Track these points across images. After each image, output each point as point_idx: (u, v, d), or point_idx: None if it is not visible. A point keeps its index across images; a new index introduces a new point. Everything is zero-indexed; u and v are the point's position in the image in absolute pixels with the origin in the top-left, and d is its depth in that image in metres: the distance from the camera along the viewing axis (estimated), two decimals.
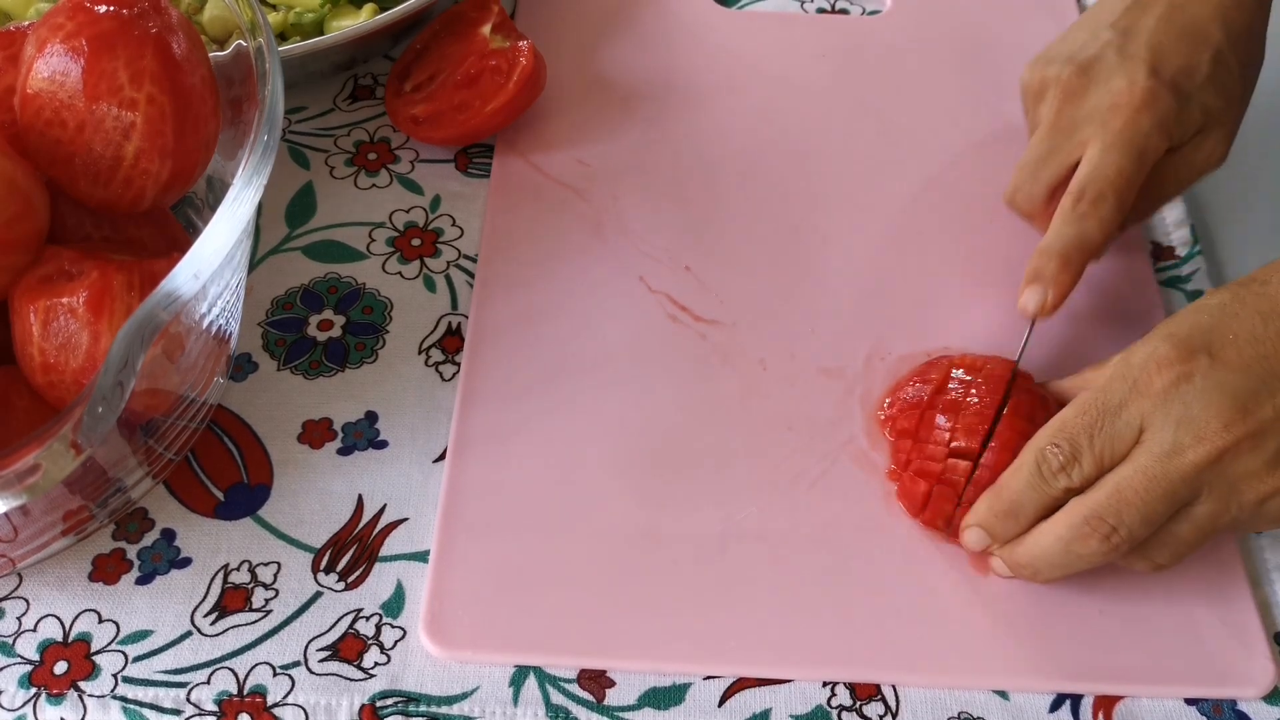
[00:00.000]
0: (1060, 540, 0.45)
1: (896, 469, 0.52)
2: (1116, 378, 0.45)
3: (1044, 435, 0.46)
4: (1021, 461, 0.46)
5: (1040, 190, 0.55)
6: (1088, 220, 0.52)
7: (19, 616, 0.48)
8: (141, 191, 0.47)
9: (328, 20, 0.65)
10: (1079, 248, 0.52)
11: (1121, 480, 0.44)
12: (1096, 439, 0.44)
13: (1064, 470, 0.45)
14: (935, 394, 0.51)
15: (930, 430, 0.50)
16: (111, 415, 0.38)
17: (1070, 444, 0.45)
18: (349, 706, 0.46)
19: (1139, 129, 0.52)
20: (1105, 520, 0.44)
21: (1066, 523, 0.45)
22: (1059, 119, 0.54)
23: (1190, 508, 0.44)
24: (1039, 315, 0.52)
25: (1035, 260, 0.53)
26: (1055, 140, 0.54)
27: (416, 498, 0.52)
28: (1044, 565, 0.46)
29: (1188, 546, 0.45)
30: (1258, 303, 0.45)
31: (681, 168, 0.64)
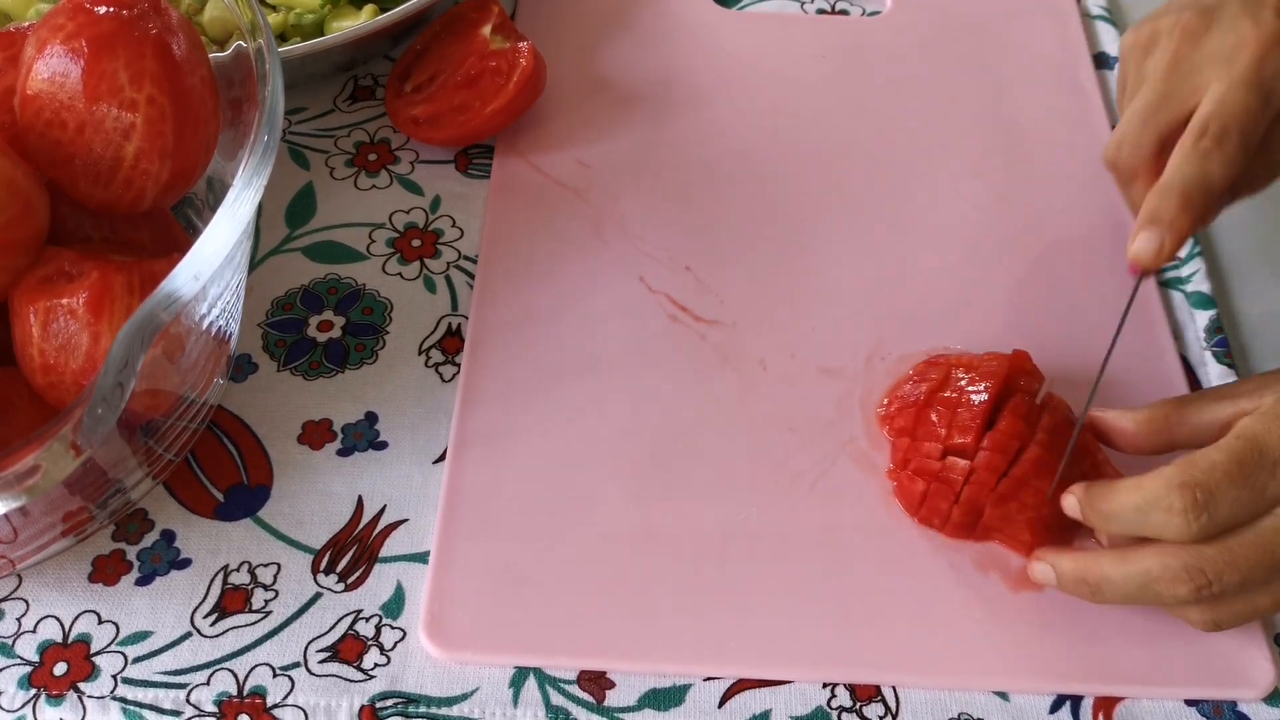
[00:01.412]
0: (1147, 574, 0.43)
1: (895, 468, 0.52)
2: (1272, 433, 0.41)
3: (1178, 468, 0.42)
4: (1143, 483, 0.43)
5: (1151, 139, 0.50)
6: (1211, 158, 0.47)
7: (19, 617, 0.48)
8: (142, 192, 0.47)
9: (328, 21, 0.65)
10: (1201, 187, 0.47)
11: (1238, 543, 0.41)
12: (1243, 493, 0.41)
13: (1185, 514, 0.41)
14: (932, 392, 0.51)
15: (927, 428, 0.50)
16: (111, 416, 0.38)
17: (1208, 493, 0.41)
18: (349, 707, 0.46)
19: (1267, 67, 0.48)
20: (1205, 574, 0.41)
21: (1161, 562, 0.42)
22: (1175, 62, 0.50)
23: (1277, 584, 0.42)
24: (1154, 265, 0.48)
25: (1150, 201, 0.48)
26: (1171, 84, 0.50)
27: (416, 499, 0.52)
28: (1114, 590, 0.44)
29: (1258, 615, 0.44)
30: None
31: (681, 168, 0.64)
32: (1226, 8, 0.51)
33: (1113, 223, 0.61)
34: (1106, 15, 0.73)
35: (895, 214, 0.62)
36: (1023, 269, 0.59)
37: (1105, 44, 0.71)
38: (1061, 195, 0.63)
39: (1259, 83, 0.48)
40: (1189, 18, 0.51)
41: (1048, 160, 0.65)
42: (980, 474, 0.48)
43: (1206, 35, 0.50)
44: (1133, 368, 0.56)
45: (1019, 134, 0.66)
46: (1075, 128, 0.66)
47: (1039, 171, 0.64)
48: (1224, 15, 0.50)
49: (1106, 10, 0.73)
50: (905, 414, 0.52)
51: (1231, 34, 0.50)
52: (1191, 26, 0.51)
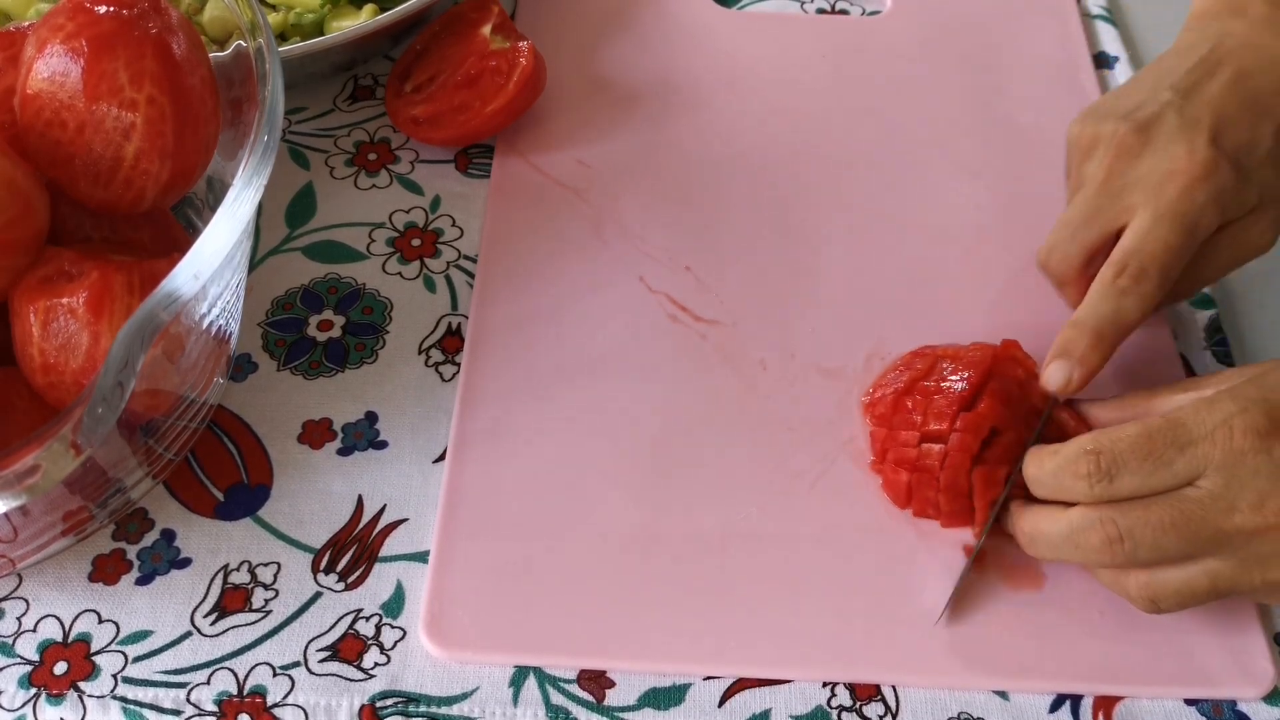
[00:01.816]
0: (1069, 525, 0.44)
1: (876, 460, 0.52)
2: (1195, 417, 0.42)
3: (1092, 436, 0.44)
4: (1062, 448, 0.45)
5: (1077, 252, 0.51)
6: (1127, 297, 0.48)
7: (19, 617, 0.48)
8: (142, 192, 0.47)
9: (328, 21, 0.65)
10: (1114, 325, 0.49)
11: (1154, 506, 0.43)
12: (1146, 465, 0.42)
13: (1088, 478, 0.43)
14: (913, 381, 0.51)
15: (903, 416, 0.51)
16: (111, 416, 0.38)
17: (1112, 459, 0.43)
18: (349, 707, 0.46)
19: (1193, 202, 0.49)
20: (1116, 525, 0.43)
21: (1081, 513, 0.44)
22: (1109, 178, 0.51)
23: (1210, 561, 0.43)
24: (1063, 394, 0.49)
25: (1065, 333, 0.49)
26: (1101, 201, 0.51)
27: (416, 498, 0.52)
28: (1043, 542, 0.46)
29: (1195, 598, 0.44)
30: None
31: (681, 168, 0.64)
32: (1163, 125, 0.51)
33: None
34: (1106, 15, 0.73)
35: (895, 213, 0.62)
36: (1023, 268, 0.59)
37: (1105, 44, 0.71)
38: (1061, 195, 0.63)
39: (1185, 217, 0.49)
40: (1125, 133, 0.51)
41: (1047, 160, 0.64)
42: (954, 456, 0.48)
43: (1141, 155, 0.51)
44: (1133, 367, 0.56)
45: (1019, 134, 0.66)
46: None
47: (1039, 171, 0.64)
48: (1160, 134, 0.51)
49: (1106, 10, 0.73)
50: (884, 402, 0.52)
51: (1165, 159, 0.50)
52: (1127, 144, 0.51)
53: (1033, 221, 0.61)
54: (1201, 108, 0.51)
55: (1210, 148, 0.49)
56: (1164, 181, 0.49)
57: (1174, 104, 0.51)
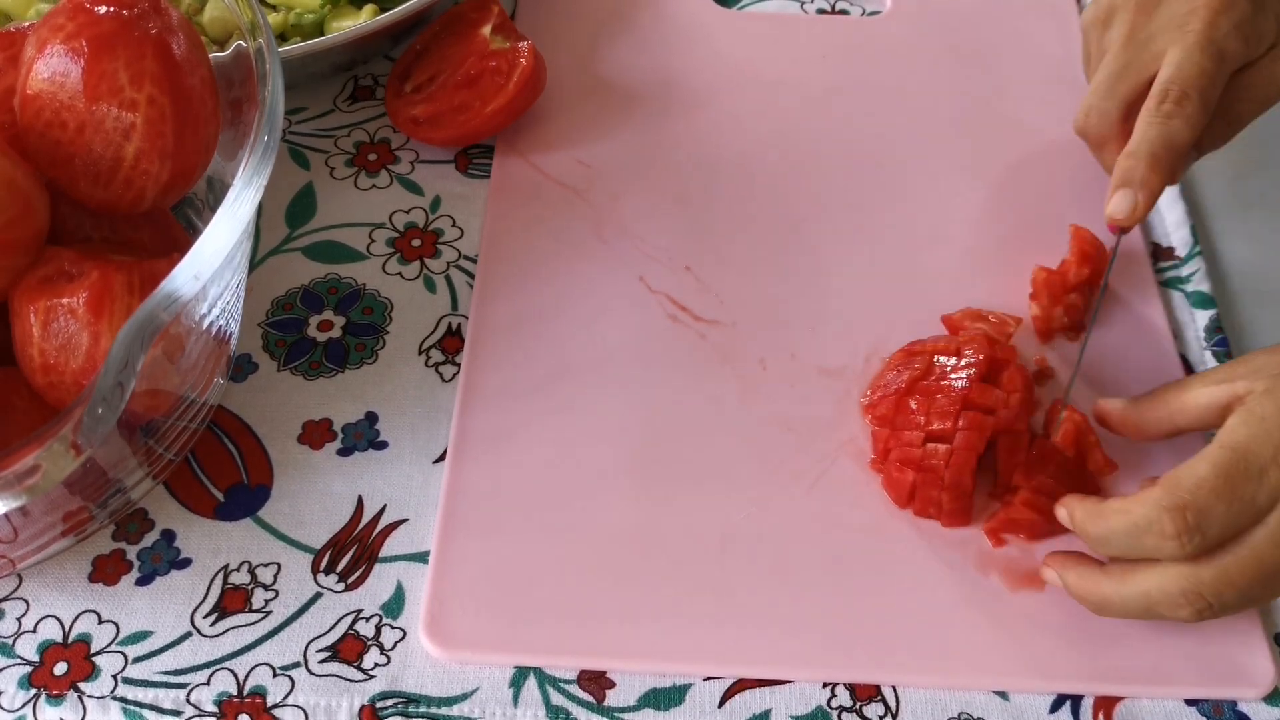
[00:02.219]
0: (1146, 597, 0.43)
1: (878, 459, 0.52)
2: (1256, 443, 0.41)
3: (1166, 490, 0.42)
4: (1132, 506, 0.43)
5: (1115, 107, 0.53)
6: (1174, 119, 0.50)
7: (19, 617, 0.48)
8: (142, 192, 0.47)
9: (328, 21, 0.65)
10: (1167, 147, 0.50)
11: (1233, 561, 0.41)
12: (1232, 507, 0.41)
13: (1178, 539, 0.41)
14: (914, 381, 0.52)
15: (906, 416, 0.51)
16: (112, 416, 0.38)
17: (1198, 513, 0.41)
18: (349, 707, 0.46)
19: (1218, 29, 0.51)
20: (1204, 597, 0.42)
21: (1161, 586, 0.42)
22: (1133, 32, 0.53)
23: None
24: (1129, 222, 0.51)
25: (1122, 163, 0.51)
26: (1130, 54, 0.53)
27: (416, 498, 0.52)
28: (1116, 610, 0.45)
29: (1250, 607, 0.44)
30: None
31: (681, 168, 0.64)
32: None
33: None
34: None
35: (895, 213, 0.62)
36: (1023, 268, 0.59)
37: None
38: (1061, 194, 0.63)
39: (1212, 45, 0.51)
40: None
41: (1048, 160, 0.64)
42: (959, 455, 0.48)
43: (1159, 5, 0.53)
44: (1133, 367, 0.56)
45: (1019, 134, 0.66)
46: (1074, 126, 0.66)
47: (1039, 172, 0.64)
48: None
49: None
50: (885, 403, 0.52)
51: (1183, 2, 0.52)
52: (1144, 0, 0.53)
53: (1033, 221, 0.62)
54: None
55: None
56: (1187, 20, 0.51)
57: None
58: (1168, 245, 0.61)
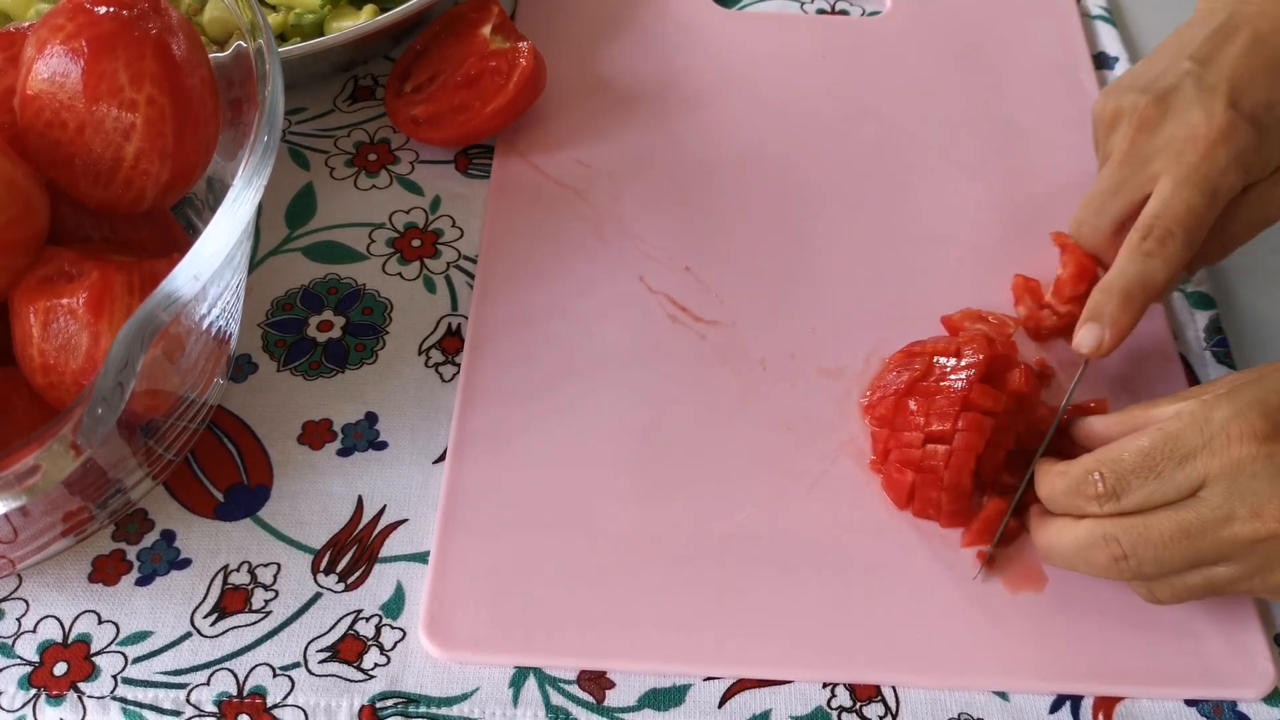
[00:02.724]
0: (1076, 541, 0.45)
1: (877, 460, 0.52)
2: (1192, 427, 0.42)
3: (1099, 456, 0.44)
4: (1071, 467, 0.45)
5: (1106, 224, 0.53)
6: (1153, 259, 0.50)
7: (19, 618, 0.48)
8: (142, 192, 0.47)
9: (328, 21, 0.65)
10: (1142, 287, 0.50)
11: (1154, 522, 0.43)
12: (1150, 483, 0.43)
13: (1098, 499, 0.44)
14: (914, 382, 0.52)
15: (906, 417, 0.51)
16: (111, 416, 0.38)
17: (1117, 479, 0.43)
18: (349, 707, 0.46)
19: (1214, 164, 0.50)
20: (1120, 545, 0.44)
21: (1088, 530, 0.45)
22: (1131, 150, 0.52)
23: (1211, 566, 0.43)
24: (1094, 356, 0.51)
25: (1095, 297, 0.51)
26: (1125, 172, 0.52)
27: (416, 499, 0.52)
28: (1054, 554, 0.47)
29: (1191, 594, 0.45)
30: None
31: (681, 168, 0.64)
32: (1182, 93, 0.52)
33: None
34: (1106, 15, 0.73)
35: (895, 214, 0.62)
36: (1023, 268, 0.59)
37: (1105, 44, 0.71)
38: (1061, 195, 0.63)
39: (1206, 180, 0.50)
40: (1146, 105, 0.53)
41: (1048, 160, 0.64)
42: (958, 456, 0.49)
43: (1161, 125, 0.52)
44: (1133, 367, 0.56)
45: (1019, 134, 0.66)
46: (1075, 128, 0.66)
47: (1039, 172, 0.64)
48: (1179, 103, 0.52)
49: (1106, 10, 0.73)
50: (885, 403, 0.52)
51: (1184, 126, 0.51)
52: (1148, 115, 0.52)
53: (1033, 221, 0.62)
54: (1219, 73, 0.52)
55: (1229, 111, 0.50)
56: (1185, 147, 0.51)
57: (1192, 72, 0.52)
58: None
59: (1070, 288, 0.55)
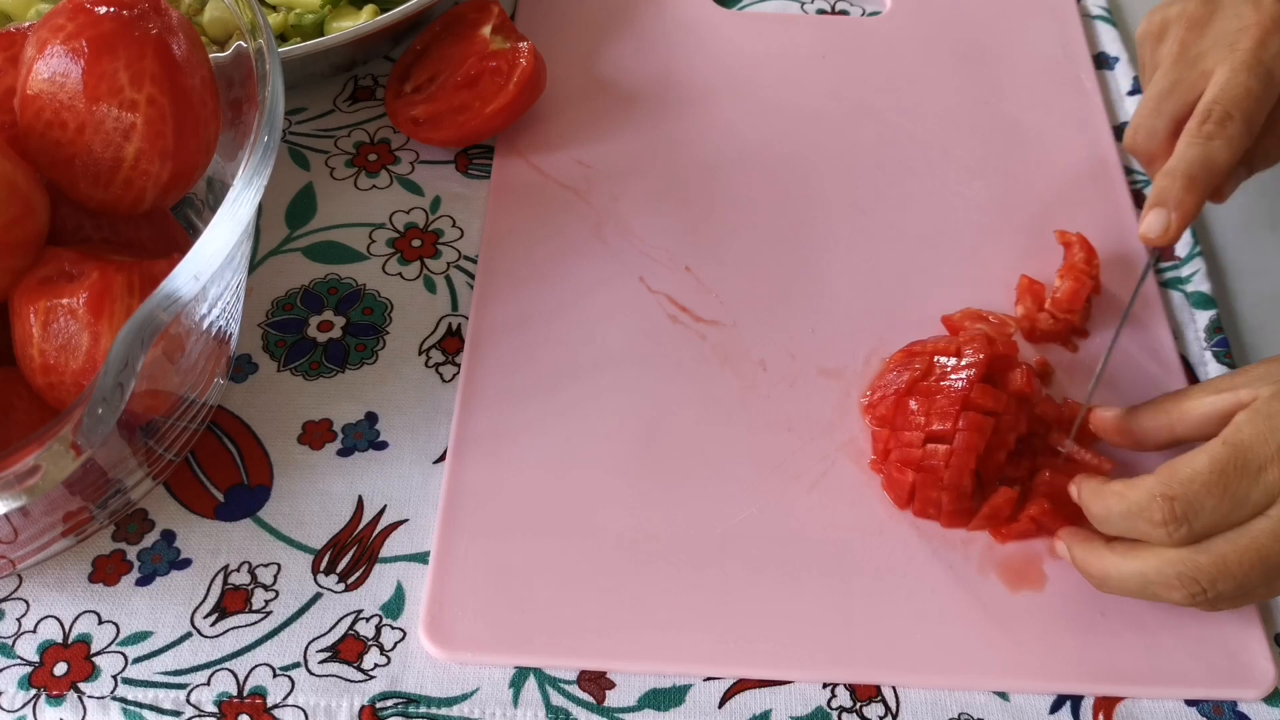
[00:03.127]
0: (1144, 577, 0.44)
1: (877, 459, 0.52)
2: (1257, 441, 0.41)
3: (1161, 479, 0.42)
4: (1128, 492, 0.43)
5: (1163, 125, 0.53)
6: (1214, 140, 0.50)
7: (19, 618, 0.48)
8: (142, 193, 0.47)
9: (328, 21, 0.65)
10: (1205, 168, 0.50)
11: (1231, 550, 0.42)
12: (1223, 504, 0.41)
13: (1165, 526, 0.42)
14: (914, 381, 0.52)
15: (906, 417, 0.51)
16: (112, 416, 0.38)
17: (1187, 504, 0.41)
18: (349, 708, 0.46)
19: (1267, 49, 0.51)
20: (1199, 582, 0.42)
21: (1158, 568, 0.43)
22: (1183, 50, 0.53)
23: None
24: (1161, 242, 0.51)
25: (1158, 183, 0.51)
26: (1179, 72, 0.53)
27: (416, 499, 0.52)
28: (1115, 586, 0.45)
29: (1255, 600, 0.44)
30: None
31: (681, 168, 0.64)
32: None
33: (1113, 221, 0.62)
34: (1106, 15, 0.73)
35: (895, 214, 0.62)
36: (1024, 269, 0.59)
37: (1105, 44, 0.71)
38: (1062, 195, 0.63)
39: (1259, 65, 0.51)
40: (1194, 7, 0.54)
41: (1048, 160, 0.65)
42: (959, 456, 0.48)
43: (1210, 22, 0.53)
44: (1133, 367, 0.56)
45: (1019, 134, 0.66)
46: (1075, 128, 0.66)
47: (1039, 172, 0.64)
48: (1226, 2, 0.53)
49: (1106, 10, 0.73)
50: (885, 403, 0.52)
51: (1234, 20, 0.52)
52: (1196, 15, 0.53)
53: (1033, 221, 0.62)
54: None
55: (1277, 4, 0.51)
56: (1236, 38, 0.51)
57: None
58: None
59: (1068, 303, 0.56)
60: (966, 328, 0.55)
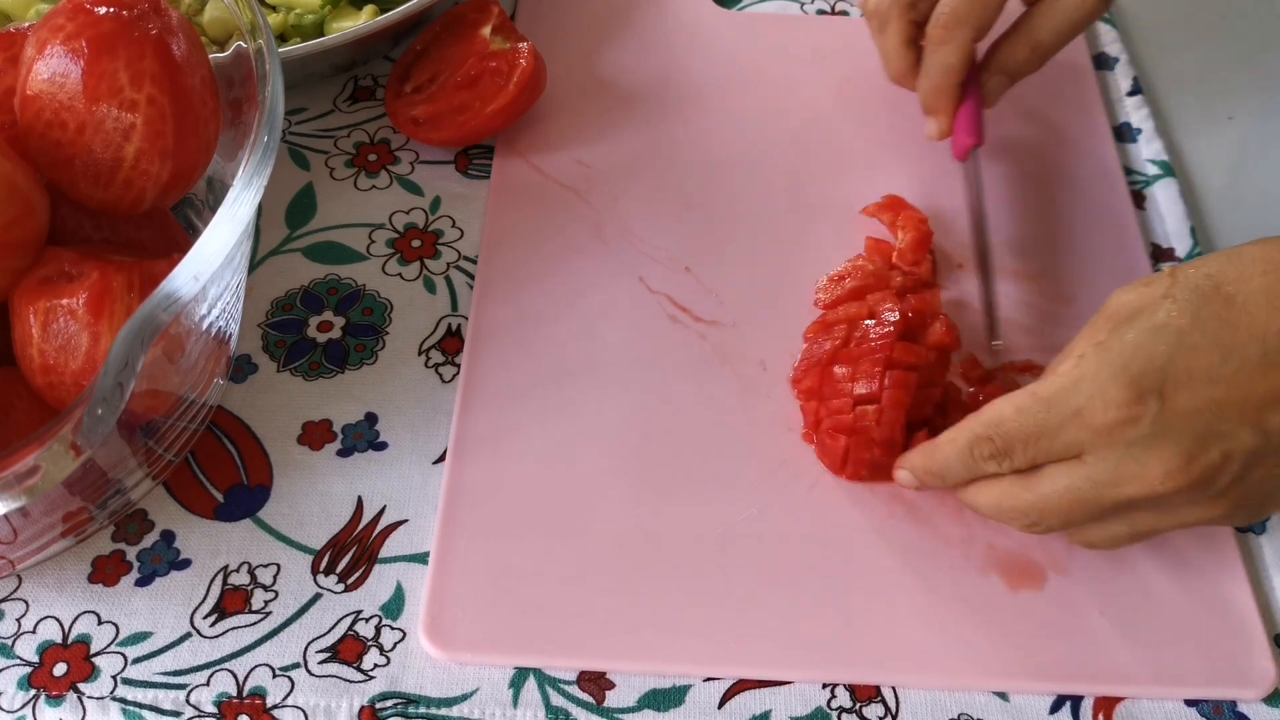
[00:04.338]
0: (990, 506, 0.46)
1: (809, 429, 0.53)
2: (1060, 400, 0.43)
3: (982, 421, 0.45)
4: (957, 435, 0.46)
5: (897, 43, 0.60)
6: (945, 48, 0.57)
7: (18, 618, 0.48)
8: (142, 193, 0.47)
9: (328, 22, 0.65)
10: (943, 73, 0.58)
11: (1050, 493, 0.44)
12: (1031, 449, 0.44)
13: (993, 459, 0.45)
14: (836, 350, 0.52)
15: (833, 385, 0.51)
16: (111, 417, 0.38)
17: (1004, 442, 0.44)
18: (348, 708, 0.46)
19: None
20: (1028, 515, 0.45)
21: (997, 500, 0.46)
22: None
23: (1129, 514, 0.44)
24: (940, 138, 0.60)
25: (920, 94, 0.60)
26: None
27: (416, 499, 0.52)
28: (978, 510, 0.48)
29: (1121, 542, 0.46)
30: (1220, 332, 0.42)
31: (681, 169, 0.64)
32: None
33: (1113, 221, 0.61)
34: (1106, 15, 0.73)
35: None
36: (1023, 267, 0.59)
37: (1105, 44, 0.71)
38: (1062, 195, 0.63)
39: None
40: None
41: (1047, 160, 0.64)
42: (888, 413, 0.50)
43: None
44: None
45: (1018, 134, 0.66)
46: (1076, 126, 0.66)
47: (1038, 171, 0.64)
48: None
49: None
50: (811, 375, 0.53)
51: None
52: None
53: (1032, 220, 0.62)
54: None
55: None
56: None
57: None
58: (1168, 246, 0.61)
59: (912, 254, 0.58)
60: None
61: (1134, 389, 0.42)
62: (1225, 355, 0.41)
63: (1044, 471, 0.44)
